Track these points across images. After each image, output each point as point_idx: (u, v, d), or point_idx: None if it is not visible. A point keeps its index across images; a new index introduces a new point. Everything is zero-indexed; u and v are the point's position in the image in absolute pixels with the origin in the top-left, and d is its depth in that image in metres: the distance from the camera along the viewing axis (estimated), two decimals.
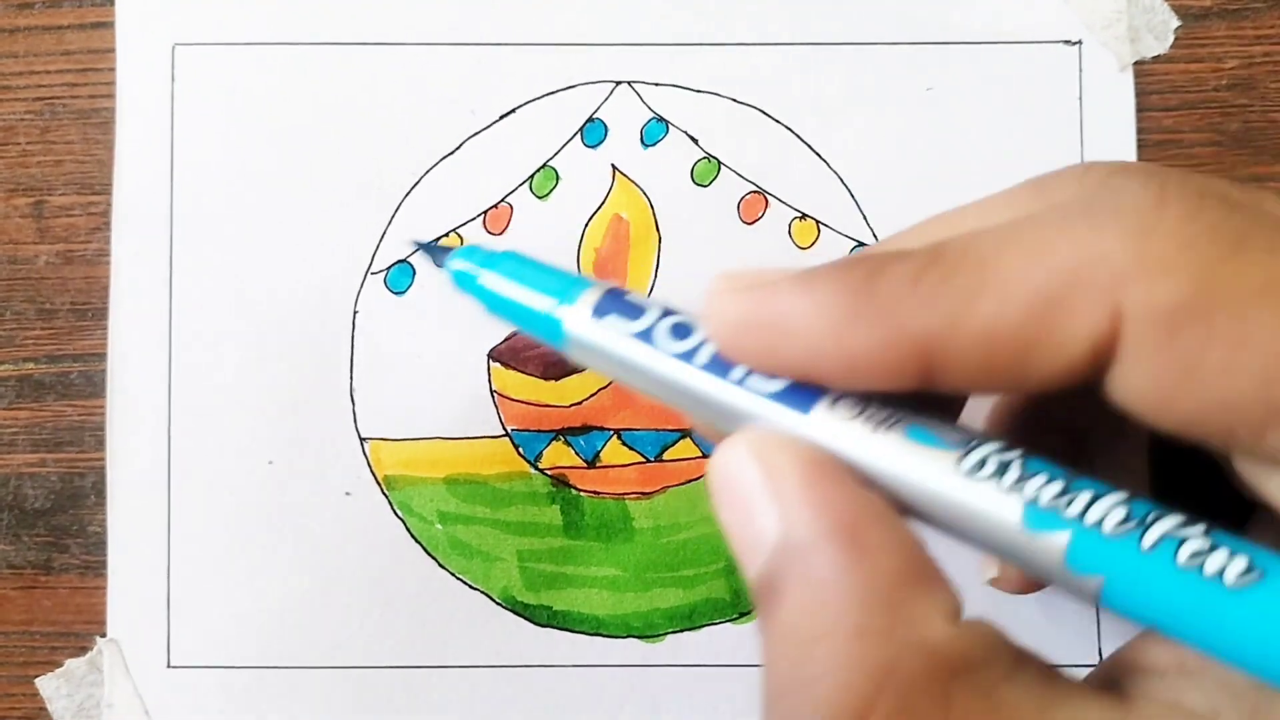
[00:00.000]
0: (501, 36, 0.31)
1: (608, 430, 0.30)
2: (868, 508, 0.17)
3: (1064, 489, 0.17)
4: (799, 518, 0.17)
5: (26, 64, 0.31)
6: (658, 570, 0.30)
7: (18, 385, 0.31)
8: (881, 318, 0.17)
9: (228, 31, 0.31)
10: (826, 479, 0.18)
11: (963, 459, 0.17)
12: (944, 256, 0.17)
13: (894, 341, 0.17)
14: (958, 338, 0.17)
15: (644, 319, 0.21)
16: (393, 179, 0.31)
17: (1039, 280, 0.16)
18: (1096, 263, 0.16)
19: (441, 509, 0.30)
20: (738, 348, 0.19)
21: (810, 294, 0.18)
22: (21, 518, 0.31)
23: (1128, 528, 0.16)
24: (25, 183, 0.31)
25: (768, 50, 0.31)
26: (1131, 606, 0.16)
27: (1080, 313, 0.16)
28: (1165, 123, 0.31)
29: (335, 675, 0.30)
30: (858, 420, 0.18)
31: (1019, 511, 0.17)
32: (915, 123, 0.31)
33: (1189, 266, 0.16)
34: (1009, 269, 0.16)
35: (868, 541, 0.17)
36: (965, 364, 0.17)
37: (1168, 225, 0.16)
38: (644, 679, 0.30)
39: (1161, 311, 0.16)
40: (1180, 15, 0.31)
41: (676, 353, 0.20)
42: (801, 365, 0.18)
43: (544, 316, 0.23)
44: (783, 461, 0.18)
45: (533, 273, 0.24)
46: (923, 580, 0.17)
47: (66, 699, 0.30)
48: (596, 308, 0.22)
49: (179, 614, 0.30)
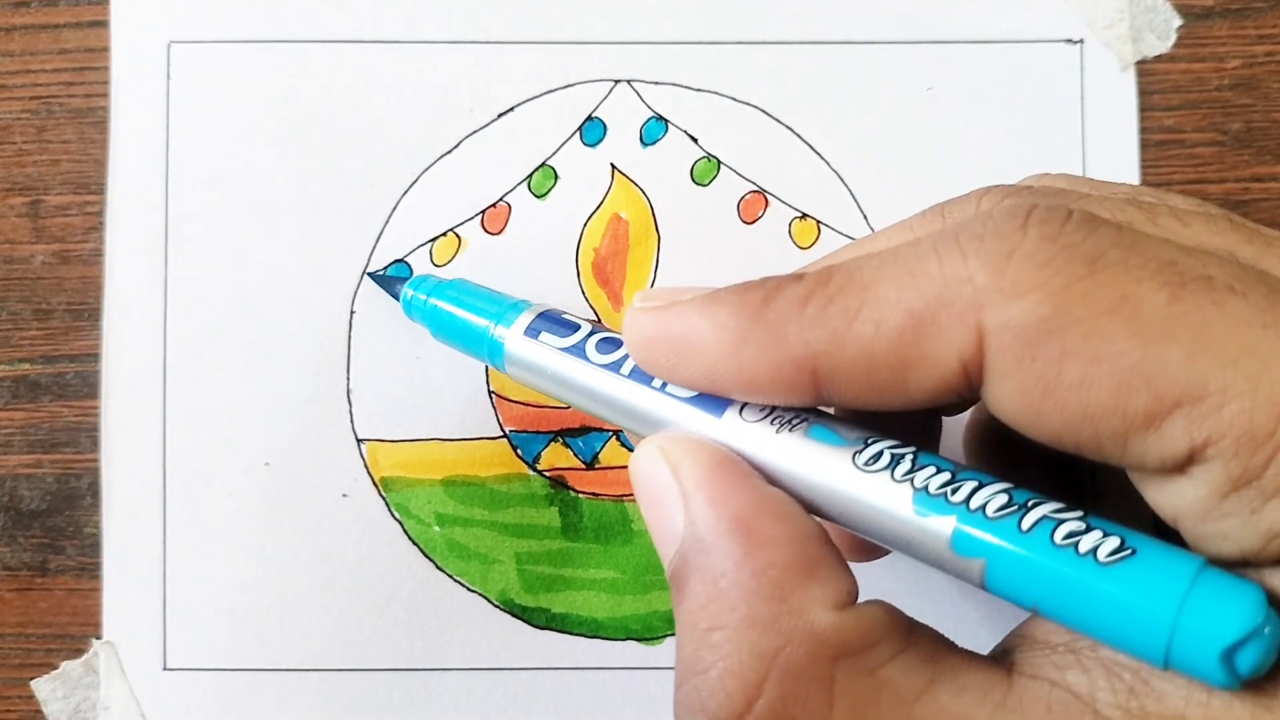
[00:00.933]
0: (500, 35, 0.31)
1: (606, 431, 0.30)
2: (765, 504, 0.19)
3: (950, 479, 0.18)
4: (699, 515, 0.19)
5: (22, 63, 0.31)
6: (657, 572, 0.30)
7: (13, 386, 0.31)
8: (771, 339, 0.18)
9: (223, 29, 0.31)
10: (727, 477, 0.19)
11: (858, 454, 0.19)
12: (831, 280, 0.18)
13: (783, 361, 0.18)
14: (840, 357, 0.18)
15: (574, 335, 0.23)
16: (390, 178, 0.31)
17: (910, 302, 0.17)
18: (961, 284, 0.17)
19: (439, 510, 0.30)
20: (649, 362, 0.20)
21: (709, 315, 0.19)
22: (17, 519, 0.31)
23: (1008, 511, 0.17)
24: (21, 182, 0.31)
25: (768, 49, 0.31)
26: (1013, 587, 0.17)
27: (947, 332, 0.17)
28: (1167, 123, 0.31)
29: (332, 677, 0.30)
30: (763, 422, 0.20)
31: (909, 499, 0.18)
32: (916, 122, 0.31)
33: (1045, 286, 0.16)
34: (884, 292, 0.18)
35: (762, 535, 0.18)
36: (850, 381, 0.18)
37: (1028, 247, 0.17)
38: (643, 681, 0.30)
39: (1019, 330, 0.16)
40: (1182, 14, 0.31)
41: (603, 364, 0.22)
42: (704, 380, 0.20)
43: (484, 337, 0.25)
44: (687, 462, 0.19)
45: (474, 299, 0.26)
46: (813, 570, 0.18)
47: (62, 701, 0.30)
48: (530, 327, 0.24)
49: (175, 616, 0.30)
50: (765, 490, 0.19)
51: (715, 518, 0.19)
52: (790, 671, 0.17)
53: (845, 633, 0.18)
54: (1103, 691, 0.17)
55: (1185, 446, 0.16)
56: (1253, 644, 0.15)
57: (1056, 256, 0.17)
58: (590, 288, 0.30)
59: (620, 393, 0.22)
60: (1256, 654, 0.15)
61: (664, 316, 0.20)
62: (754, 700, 0.17)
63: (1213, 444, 0.16)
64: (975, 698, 0.17)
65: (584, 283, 0.30)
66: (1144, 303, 0.16)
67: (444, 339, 0.27)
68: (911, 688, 0.17)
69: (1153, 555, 0.16)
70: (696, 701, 0.18)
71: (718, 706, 0.18)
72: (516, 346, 0.24)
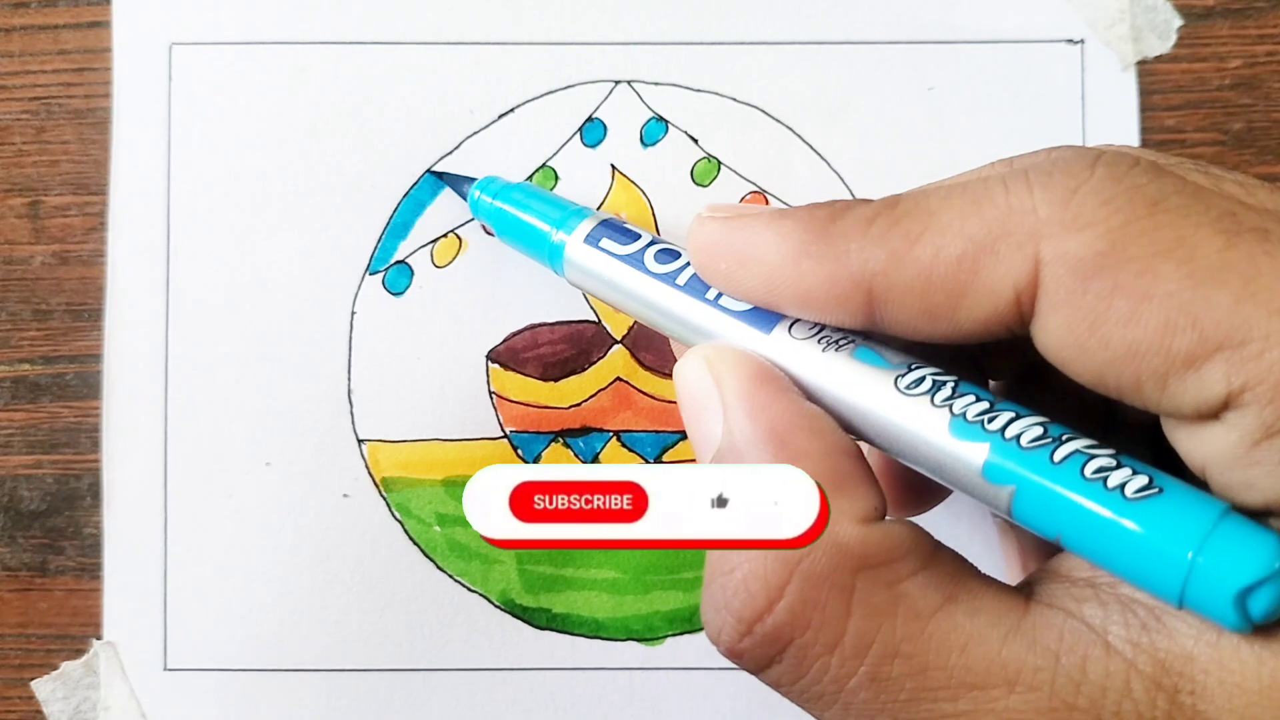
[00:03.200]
0: (500, 35, 0.31)
1: (607, 432, 0.30)
2: (801, 418, 0.19)
3: (989, 408, 0.18)
4: (737, 423, 0.19)
5: (22, 63, 0.31)
6: (657, 573, 0.30)
7: (13, 387, 0.31)
8: (831, 254, 0.19)
9: (224, 31, 0.31)
10: (766, 390, 0.20)
11: (900, 378, 0.19)
12: (898, 205, 0.19)
13: (840, 277, 0.19)
14: (897, 277, 0.18)
15: (634, 244, 0.24)
16: (391, 179, 0.31)
17: (973, 229, 0.18)
18: (1024, 214, 0.17)
19: (440, 511, 0.30)
20: (709, 268, 0.21)
21: (775, 227, 0.20)
22: (17, 520, 0.31)
23: (1042, 442, 0.18)
24: (21, 183, 0.31)
25: (768, 49, 0.31)
26: (1039, 516, 0.18)
27: (1005, 260, 0.17)
28: (1168, 122, 0.31)
29: (333, 678, 0.30)
30: (811, 340, 0.20)
31: (945, 424, 0.18)
32: (916, 122, 0.31)
33: (1105, 222, 0.17)
34: (948, 218, 0.18)
35: (795, 447, 0.19)
36: (904, 304, 0.19)
37: (1093, 184, 0.17)
38: (644, 682, 0.30)
39: (1074, 262, 0.17)
40: (1183, 14, 0.31)
41: (660, 273, 0.23)
42: (760, 291, 0.20)
43: (545, 241, 0.26)
44: (729, 372, 0.20)
45: (539, 203, 0.27)
46: (842, 484, 0.19)
47: (63, 702, 0.30)
48: (591, 234, 0.24)
49: (176, 616, 0.30)
50: (803, 405, 0.20)
51: (751, 427, 0.19)
52: (811, 577, 0.18)
53: (869, 545, 0.18)
54: (1116, 625, 0.17)
55: (1222, 390, 0.16)
56: (1267, 589, 0.16)
57: (1119, 195, 0.17)
58: None
59: (673, 302, 0.22)
60: (1270, 599, 0.16)
61: (731, 225, 0.20)
62: (775, 602, 0.18)
63: (1250, 389, 0.16)
64: (990, 619, 0.18)
65: None
66: (1199, 247, 0.16)
67: (507, 240, 0.28)
68: (929, 603, 0.18)
69: (1178, 496, 0.17)
70: (721, 599, 0.19)
71: (740, 605, 0.18)
72: (576, 252, 0.25)
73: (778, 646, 0.18)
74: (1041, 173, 0.18)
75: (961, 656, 0.17)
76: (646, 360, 0.30)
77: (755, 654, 0.19)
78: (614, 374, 0.30)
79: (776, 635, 0.18)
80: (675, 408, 0.30)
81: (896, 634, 0.18)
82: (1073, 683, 0.17)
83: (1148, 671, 0.17)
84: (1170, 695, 0.17)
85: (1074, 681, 0.17)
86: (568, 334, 0.30)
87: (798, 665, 0.18)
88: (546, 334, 0.30)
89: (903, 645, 0.18)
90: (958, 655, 0.17)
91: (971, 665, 0.17)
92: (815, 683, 0.18)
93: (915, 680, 0.17)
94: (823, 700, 0.18)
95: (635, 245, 0.24)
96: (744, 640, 0.18)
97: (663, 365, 0.30)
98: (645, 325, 0.24)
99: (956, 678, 0.17)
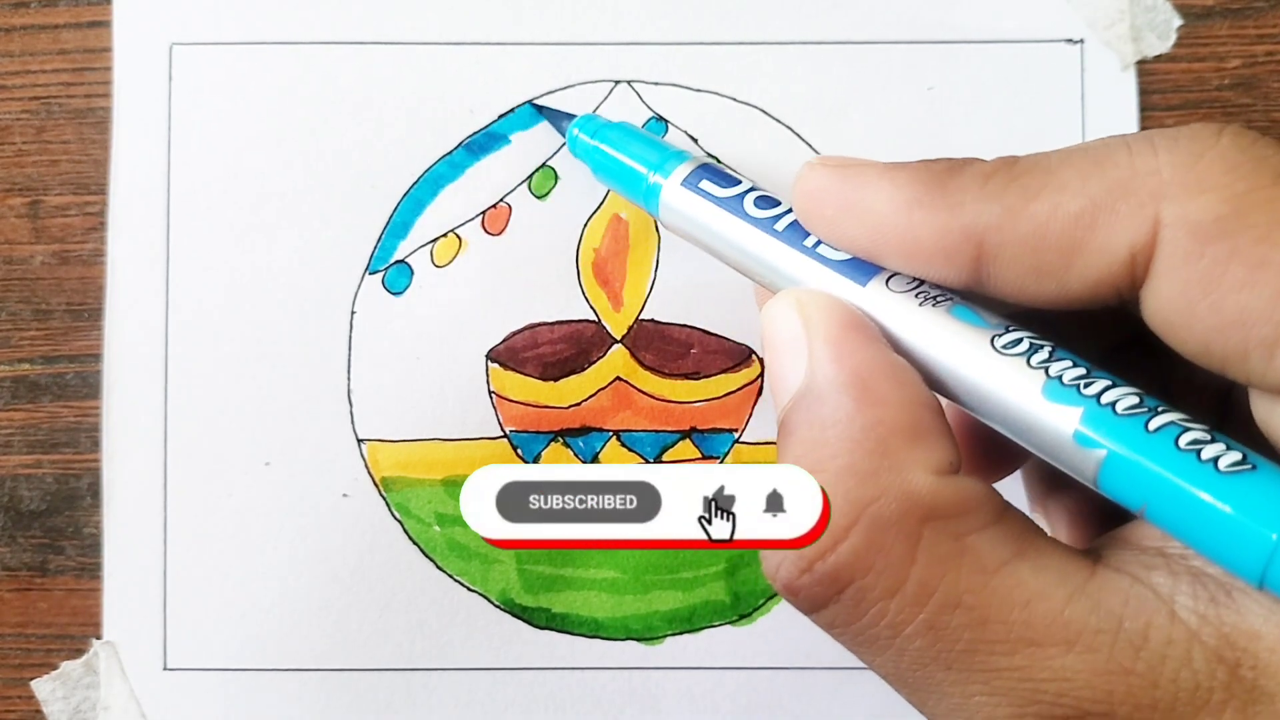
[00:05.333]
0: (500, 36, 0.31)
1: (607, 431, 0.30)
2: (885, 367, 0.19)
3: (1085, 374, 0.18)
4: (821, 366, 0.19)
5: (22, 63, 0.31)
6: (657, 572, 0.30)
7: (13, 386, 0.31)
8: (946, 205, 0.19)
9: (225, 31, 0.31)
10: (854, 336, 0.20)
11: (997, 337, 0.19)
12: (1016, 164, 0.19)
13: (953, 229, 0.19)
14: (1011, 232, 0.18)
15: (733, 189, 0.23)
16: (390, 178, 0.31)
17: (1093, 188, 0.18)
18: (1147, 175, 0.17)
19: (439, 510, 0.30)
20: (813, 214, 0.21)
21: (890, 177, 0.20)
22: (17, 519, 0.31)
23: (1137, 411, 0.17)
24: (21, 182, 0.31)
25: (767, 49, 0.31)
26: (1127, 485, 0.17)
27: (1123, 220, 0.17)
28: (1167, 122, 0.31)
29: (333, 677, 0.30)
30: (909, 294, 0.20)
31: (1039, 385, 0.18)
32: (916, 122, 0.31)
33: (1229, 188, 0.17)
34: (1068, 176, 0.18)
35: (877, 394, 0.19)
36: (1015, 260, 0.18)
37: (1218, 151, 0.17)
38: (643, 681, 0.30)
39: (1194, 225, 0.17)
40: (1183, 14, 0.31)
41: (757, 219, 0.22)
42: (865, 239, 0.20)
43: (642, 183, 0.26)
44: (819, 316, 0.20)
45: (638, 144, 0.27)
46: (919, 435, 0.19)
47: (62, 701, 0.30)
48: (690, 177, 0.24)
49: (176, 616, 0.30)
50: (889, 355, 0.19)
51: (835, 370, 0.19)
52: (879, 521, 0.18)
53: (940, 497, 0.18)
54: (1184, 595, 0.17)
55: None
56: None
57: (1244, 164, 0.17)
58: (590, 288, 0.30)
59: (769, 249, 0.22)
60: None
61: (842, 172, 0.20)
62: (839, 542, 0.18)
63: None
64: (1056, 578, 0.18)
65: (584, 283, 0.30)
66: None
67: (604, 179, 0.28)
68: (995, 557, 0.18)
69: (1272, 474, 0.17)
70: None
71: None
72: (672, 195, 0.25)
73: (836, 587, 0.18)
74: (1167, 138, 0.18)
75: (1023, 612, 0.17)
76: (646, 360, 0.30)
77: (812, 592, 0.18)
78: (614, 373, 0.30)
79: (837, 575, 0.18)
80: (674, 408, 0.30)
81: (960, 585, 0.17)
82: (1133, 647, 0.17)
83: (1211, 644, 0.17)
84: (1231, 669, 0.17)
85: (1134, 646, 0.17)
86: (567, 333, 0.30)
87: (855, 607, 0.18)
88: (546, 333, 0.30)
89: (965, 596, 0.17)
90: (1019, 611, 0.17)
91: (1033, 621, 0.17)
92: (871, 626, 0.18)
93: (974, 632, 0.17)
94: (876, 645, 0.18)
95: (734, 190, 0.23)
96: (803, 577, 0.18)
97: (662, 365, 0.30)
98: (737, 271, 0.24)
99: (1015, 633, 0.17)
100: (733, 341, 0.30)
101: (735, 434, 0.30)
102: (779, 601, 0.30)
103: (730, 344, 0.30)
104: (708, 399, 0.30)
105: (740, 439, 0.30)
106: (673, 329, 0.30)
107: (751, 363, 0.30)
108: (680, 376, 0.30)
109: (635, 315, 0.30)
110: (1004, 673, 0.17)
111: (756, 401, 0.30)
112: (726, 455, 0.30)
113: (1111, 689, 0.17)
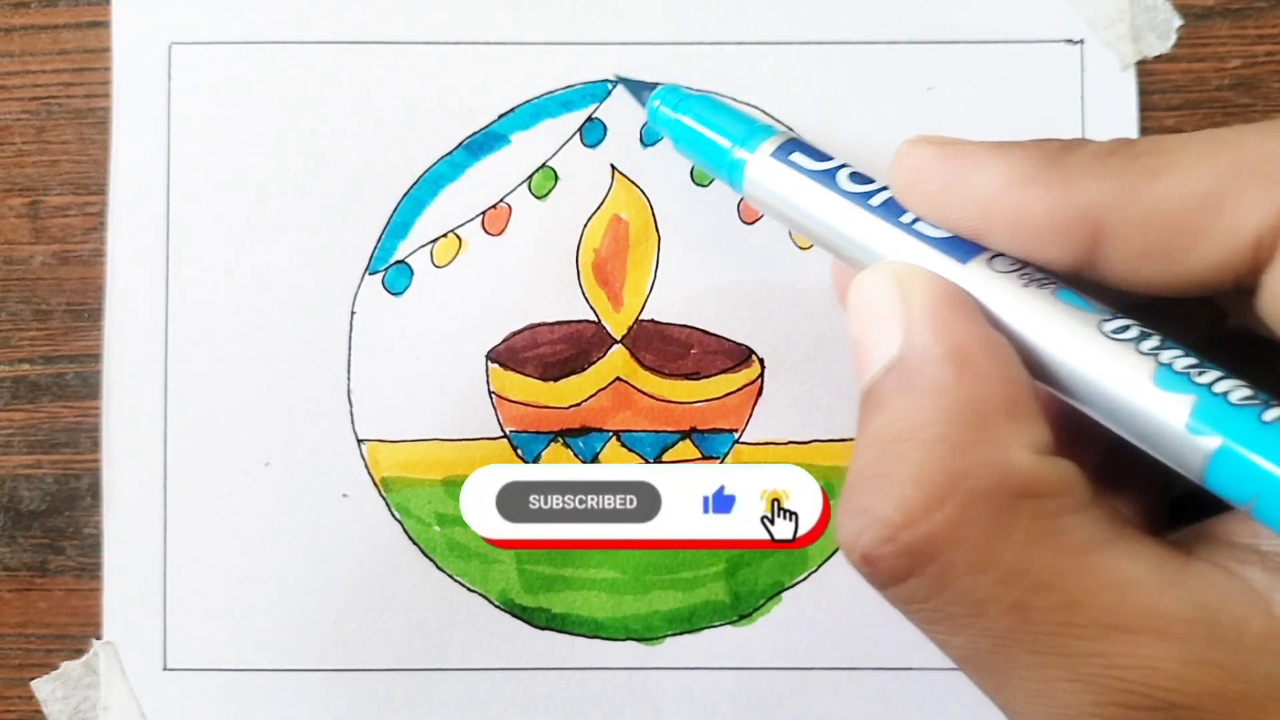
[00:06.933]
0: (500, 35, 0.31)
1: (607, 432, 0.30)
2: (987, 343, 0.19)
3: (1196, 363, 0.17)
4: (919, 337, 0.19)
5: (22, 63, 0.31)
6: (657, 573, 0.30)
7: (13, 386, 0.31)
8: (1061, 181, 0.18)
9: (224, 30, 0.31)
10: (955, 311, 0.19)
11: (1105, 322, 0.18)
12: (1135, 144, 0.18)
13: (1068, 206, 0.18)
14: (1132, 210, 0.18)
15: (826, 163, 0.23)
16: (390, 178, 0.31)
17: (1221, 167, 0.17)
18: (1274, 158, 0.17)
19: (439, 511, 0.30)
20: (914, 189, 0.20)
21: (1000, 154, 0.19)
22: (17, 519, 0.31)
23: (1251, 402, 0.17)
24: (20, 183, 0.31)
25: (768, 49, 0.31)
26: (1236, 477, 0.17)
27: (1251, 202, 0.17)
28: (1168, 122, 0.31)
29: (333, 678, 0.30)
30: (1013, 275, 0.19)
31: (1150, 372, 0.17)
32: (916, 122, 0.31)
33: None
34: (1192, 156, 0.17)
35: (977, 368, 0.18)
36: (1133, 241, 0.18)
37: None
38: (643, 681, 0.30)
39: None
40: (1183, 14, 0.31)
41: (852, 193, 0.22)
42: (971, 216, 0.19)
43: (725, 157, 0.25)
44: (919, 289, 0.19)
45: (723, 117, 0.26)
46: (1017, 412, 0.18)
47: (62, 702, 0.30)
48: (779, 149, 0.23)
49: (176, 616, 0.30)
50: (989, 331, 0.19)
51: (934, 342, 0.18)
52: (975, 495, 0.17)
53: (1036, 474, 0.17)
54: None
55: None
56: None
57: None
58: (590, 288, 0.30)
59: (863, 224, 0.21)
60: None
61: (947, 149, 0.20)
62: (932, 511, 0.17)
63: None
64: (1151, 566, 0.17)
65: (584, 283, 0.30)
66: None
67: (685, 152, 0.27)
68: (1090, 540, 0.17)
69: None
70: (869, 500, 0.18)
71: (893, 508, 0.17)
72: (759, 168, 0.24)
73: (921, 560, 0.17)
74: None
75: (1116, 598, 0.17)
76: (646, 360, 0.30)
77: (893, 564, 0.18)
78: (614, 374, 0.30)
79: (923, 547, 0.17)
80: (675, 408, 0.30)
81: (1053, 565, 0.17)
82: (1226, 642, 0.16)
83: None
84: None
85: (1229, 642, 0.16)
86: (567, 334, 0.30)
87: (938, 581, 0.17)
88: (546, 334, 0.30)
89: (1058, 578, 0.17)
90: (1112, 596, 0.17)
91: (1125, 609, 0.17)
92: (953, 603, 0.17)
93: (1062, 615, 0.17)
94: (955, 623, 0.18)
95: (827, 164, 0.23)
96: (885, 546, 0.17)
97: (662, 365, 0.30)
98: (825, 249, 0.23)
99: (1106, 618, 0.17)
100: (733, 342, 0.30)
101: (735, 434, 0.30)
102: (779, 602, 0.30)
103: (730, 344, 0.30)
104: (708, 399, 0.30)
105: (740, 439, 0.30)
106: (673, 329, 0.30)
107: (751, 363, 0.30)
108: (680, 377, 0.30)
109: (635, 315, 0.30)
110: (1090, 659, 0.17)
111: (756, 401, 0.30)
112: (726, 455, 0.30)
113: (1201, 682, 0.16)
